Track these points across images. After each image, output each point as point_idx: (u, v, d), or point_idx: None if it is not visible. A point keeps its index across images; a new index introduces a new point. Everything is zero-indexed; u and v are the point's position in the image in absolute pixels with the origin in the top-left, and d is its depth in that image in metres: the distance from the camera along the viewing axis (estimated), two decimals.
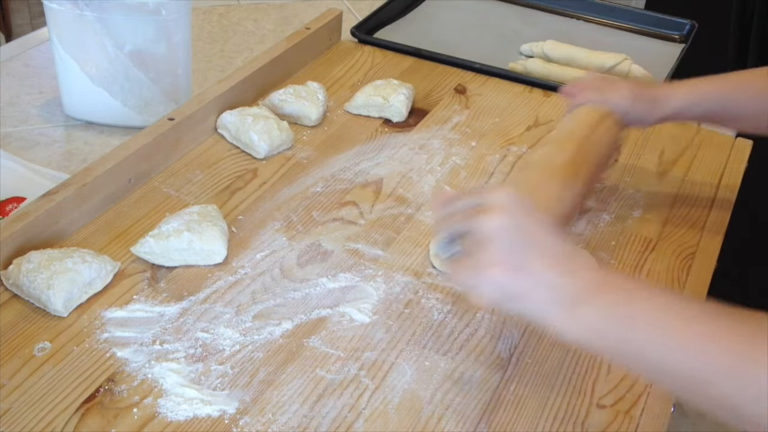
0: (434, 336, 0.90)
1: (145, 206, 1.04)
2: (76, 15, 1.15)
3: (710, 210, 1.14)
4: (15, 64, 1.36)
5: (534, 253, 0.72)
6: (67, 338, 0.85)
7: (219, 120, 1.18)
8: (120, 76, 1.19)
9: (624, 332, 0.70)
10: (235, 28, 1.55)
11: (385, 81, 1.29)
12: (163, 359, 0.83)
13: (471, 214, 0.74)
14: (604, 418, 0.83)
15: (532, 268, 0.72)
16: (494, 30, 1.59)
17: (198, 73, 1.35)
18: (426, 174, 1.14)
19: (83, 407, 0.78)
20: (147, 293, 0.91)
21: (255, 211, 1.05)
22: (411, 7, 1.62)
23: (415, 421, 0.80)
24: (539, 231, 0.74)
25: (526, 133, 1.26)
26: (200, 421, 0.78)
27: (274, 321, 0.89)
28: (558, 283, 0.71)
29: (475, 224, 0.73)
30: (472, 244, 0.74)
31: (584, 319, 0.71)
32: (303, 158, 1.16)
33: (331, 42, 1.44)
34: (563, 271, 0.72)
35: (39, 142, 1.18)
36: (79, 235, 0.98)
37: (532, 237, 0.73)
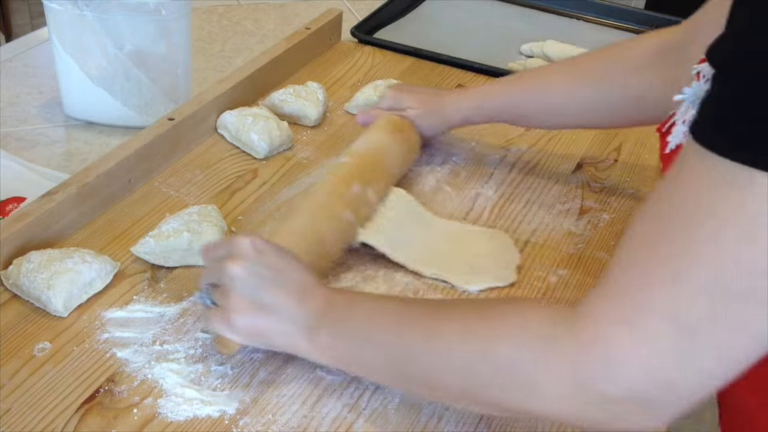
0: None
1: (145, 206, 1.04)
2: (76, 15, 1.15)
3: None
4: (15, 64, 1.36)
5: (277, 290, 0.77)
6: (67, 338, 0.85)
7: (219, 120, 1.18)
8: (120, 76, 1.19)
9: (353, 343, 0.76)
10: (235, 28, 1.55)
11: (385, 81, 1.29)
12: (163, 359, 0.83)
13: (219, 265, 0.78)
14: None
15: (275, 305, 0.77)
16: (494, 30, 1.59)
17: (198, 73, 1.35)
18: (426, 174, 1.14)
19: (83, 407, 0.78)
20: (147, 293, 0.91)
21: (255, 211, 1.05)
22: (411, 7, 1.62)
23: (415, 421, 0.80)
24: (282, 268, 0.78)
25: (526, 133, 1.26)
26: (200, 422, 0.78)
27: None
28: (298, 313, 0.77)
29: (220, 274, 0.78)
30: (220, 293, 0.78)
31: (322, 342, 0.77)
32: (303, 158, 1.16)
33: (331, 42, 1.44)
34: (301, 299, 0.76)
35: (39, 142, 1.18)
36: (79, 235, 0.98)
37: (274, 275, 0.77)
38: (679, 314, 0.57)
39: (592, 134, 1.28)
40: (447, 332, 0.70)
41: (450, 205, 1.09)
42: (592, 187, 1.16)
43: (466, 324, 0.70)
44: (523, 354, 0.64)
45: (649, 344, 0.58)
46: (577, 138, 1.26)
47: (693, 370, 0.59)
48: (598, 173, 1.19)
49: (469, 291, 0.95)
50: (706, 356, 0.58)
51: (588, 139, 1.26)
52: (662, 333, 0.58)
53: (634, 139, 1.27)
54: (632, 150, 1.25)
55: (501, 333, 0.67)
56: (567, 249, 1.03)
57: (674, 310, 0.58)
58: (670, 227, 0.59)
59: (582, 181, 1.17)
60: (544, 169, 1.18)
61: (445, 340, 0.70)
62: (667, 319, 0.58)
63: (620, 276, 0.61)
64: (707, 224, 0.56)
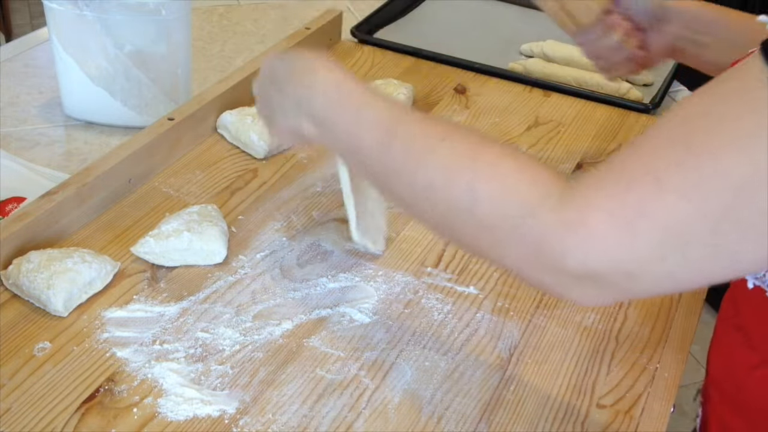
0: (434, 336, 0.90)
1: (145, 206, 1.04)
2: (76, 15, 1.15)
3: None
4: (15, 64, 1.36)
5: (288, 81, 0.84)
6: (67, 338, 0.85)
7: (219, 120, 1.18)
8: (120, 76, 1.19)
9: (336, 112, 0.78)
10: (235, 28, 1.55)
11: (385, 81, 1.29)
12: (163, 359, 0.83)
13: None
14: (604, 418, 0.83)
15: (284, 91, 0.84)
16: (494, 30, 1.59)
17: (198, 73, 1.35)
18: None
19: (83, 407, 0.78)
20: (147, 293, 0.91)
21: (255, 211, 1.05)
22: (411, 7, 1.62)
23: (415, 421, 0.80)
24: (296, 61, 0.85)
25: (526, 133, 1.26)
26: (200, 421, 0.78)
27: (274, 321, 0.89)
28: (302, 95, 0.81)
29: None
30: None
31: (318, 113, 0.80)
32: (303, 158, 1.16)
33: (331, 42, 1.44)
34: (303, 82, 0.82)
35: (39, 142, 1.18)
36: (79, 235, 0.98)
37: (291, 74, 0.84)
38: (664, 217, 0.57)
39: (592, 134, 1.28)
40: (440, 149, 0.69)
41: None
42: None
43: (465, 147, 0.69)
44: (506, 204, 0.64)
45: (625, 236, 0.58)
46: (577, 138, 1.27)
47: (659, 272, 0.59)
48: None
49: (468, 291, 0.95)
50: (677, 264, 0.58)
51: (588, 139, 1.26)
52: (641, 229, 0.58)
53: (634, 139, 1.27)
54: None
55: (495, 173, 0.66)
56: None
57: (660, 211, 0.57)
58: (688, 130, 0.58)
59: None
60: None
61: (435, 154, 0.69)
62: (651, 219, 0.57)
63: (620, 165, 0.61)
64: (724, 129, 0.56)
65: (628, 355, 0.90)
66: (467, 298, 0.95)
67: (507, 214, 0.63)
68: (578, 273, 0.60)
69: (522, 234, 0.62)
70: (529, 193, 0.63)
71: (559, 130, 1.28)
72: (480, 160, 0.67)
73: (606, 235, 0.59)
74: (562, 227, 0.60)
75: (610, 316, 0.94)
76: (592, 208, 0.60)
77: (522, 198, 0.63)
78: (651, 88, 1.42)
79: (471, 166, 0.66)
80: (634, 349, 0.91)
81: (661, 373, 0.88)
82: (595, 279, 0.60)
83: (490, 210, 0.64)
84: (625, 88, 1.38)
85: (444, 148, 0.69)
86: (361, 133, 0.75)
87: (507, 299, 0.95)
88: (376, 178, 0.76)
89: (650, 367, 0.89)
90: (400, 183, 0.71)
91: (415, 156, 0.70)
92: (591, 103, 1.36)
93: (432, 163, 0.68)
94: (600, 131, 1.29)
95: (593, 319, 0.94)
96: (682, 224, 0.57)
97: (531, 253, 0.62)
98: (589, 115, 1.33)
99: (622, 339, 0.92)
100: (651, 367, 0.89)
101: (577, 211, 0.60)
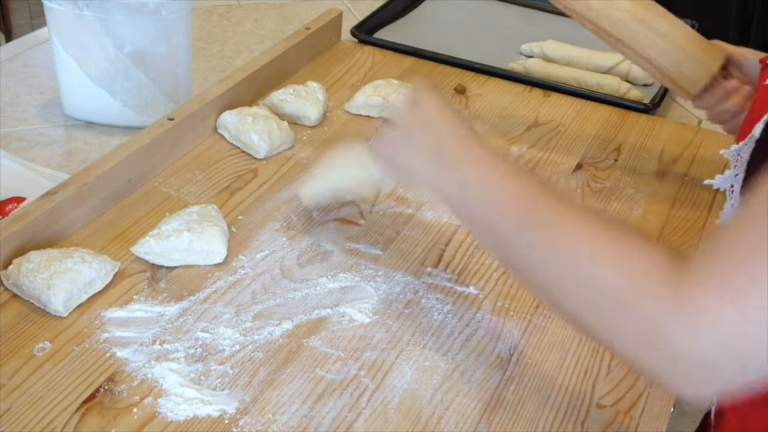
0: (434, 336, 0.90)
1: (145, 206, 1.04)
2: (76, 15, 1.15)
3: (710, 210, 1.14)
4: (15, 64, 1.36)
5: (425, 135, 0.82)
6: (67, 338, 0.85)
7: (219, 120, 1.18)
8: (120, 76, 1.19)
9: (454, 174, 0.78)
10: (235, 28, 1.55)
11: (385, 81, 1.29)
12: (163, 359, 0.83)
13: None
14: (604, 418, 0.83)
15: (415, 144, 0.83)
16: (494, 30, 1.59)
17: (198, 73, 1.35)
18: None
19: (83, 407, 0.78)
20: (147, 293, 0.91)
21: (255, 211, 1.05)
22: (411, 7, 1.62)
23: (415, 421, 0.80)
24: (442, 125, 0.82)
25: (526, 133, 1.26)
26: (200, 421, 0.78)
27: (274, 321, 0.89)
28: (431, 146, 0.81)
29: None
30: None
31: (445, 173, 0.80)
32: (303, 158, 1.16)
33: (331, 42, 1.44)
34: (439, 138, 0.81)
35: (39, 142, 1.18)
36: (79, 235, 0.98)
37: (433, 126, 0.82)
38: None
39: (592, 134, 1.28)
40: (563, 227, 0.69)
41: None
42: (592, 187, 1.16)
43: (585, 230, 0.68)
44: (621, 285, 0.64)
45: (738, 312, 0.58)
46: (577, 138, 1.27)
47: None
48: (598, 173, 1.19)
49: (468, 291, 0.95)
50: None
51: (588, 139, 1.26)
52: (755, 305, 0.57)
53: (634, 139, 1.27)
54: (632, 150, 1.25)
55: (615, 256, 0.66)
56: None
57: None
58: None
59: (582, 181, 1.17)
60: (545, 168, 1.18)
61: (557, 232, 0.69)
62: (764, 294, 0.57)
63: (731, 242, 0.61)
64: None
65: None
66: (467, 298, 0.95)
67: (621, 295, 0.63)
68: (691, 355, 0.60)
69: (637, 315, 0.62)
70: (644, 274, 0.63)
71: (559, 130, 1.29)
72: (598, 240, 0.67)
73: (719, 311, 0.59)
74: (677, 306, 0.60)
75: None
76: (704, 287, 0.60)
77: (637, 279, 0.63)
78: (651, 88, 1.42)
79: (588, 247, 0.67)
80: None
81: None
82: (708, 362, 0.60)
83: (605, 289, 0.65)
84: (625, 88, 1.38)
85: (565, 225, 0.69)
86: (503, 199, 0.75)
87: (507, 299, 0.95)
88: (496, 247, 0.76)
89: None
90: (515, 252, 0.72)
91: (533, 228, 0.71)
92: (591, 103, 1.36)
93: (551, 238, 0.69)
94: (600, 131, 1.29)
95: None
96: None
97: (645, 335, 0.62)
98: (589, 115, 1.33)
99: None
100: None
101: (691, 289, 0.60)
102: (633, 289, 0.63)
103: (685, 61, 1.03)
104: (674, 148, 1.26)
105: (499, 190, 0.74)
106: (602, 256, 0.66)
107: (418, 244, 1.02)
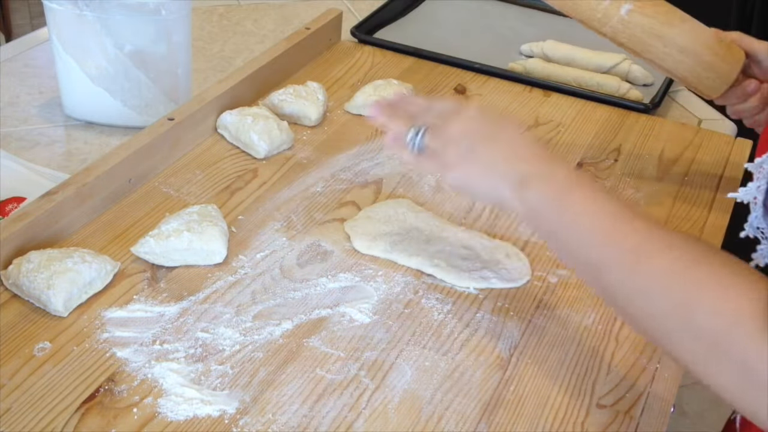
0: (434, 336, 0.90)
1: (145, 206, 1.04)
2: (76, 15, 1.15)
3: (710, 210, 1.14)
4: (15, 64, 1.36)
5: (492, 145, 0.80)
6: (67, 338, 0.85)
7: (219, 120, 1.18)
8: (120, 76, 1.19)
9: (556, 216, 0.76)
10: (235, 28, 1.55)
11: (385, 81, 1.29)
12: (163, 359, 0.83)
13: (441, 117, 0.84)
14: (604, 418, 0.83)
15: (488, 159, 0.80)
16: (494, 30, 1.59)
17: (198, 73, 1.35)
18: (426, 174, 1.14)
19: (83, 407, 0.78)
20: (147, 293, 0.91)
21: (255, 211, 1.05)
22: (411, 7, 1.62)
23: (415, 421, 0.80)
24: (503, 126, 0.82)
25: (526, 133, 1.26)
26: (200, 421, 0.78)
27: (274, 321, 0.89)
28: (509, 169, 0.79)
29: (441, 127, 0.83)
30: (436, 143, 0.83)
31: (529, 201, 0.77)
32: (303, 158, 1.16)
33: (331, 42, 1.44)
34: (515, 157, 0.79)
35: (39, 142, 1.18)
36: (79, 235, 0.98)
37: (493, 131, 0.81)
38: None
39: (592, 134, 1.28)
40: (655, 265, 0.68)
41: (450, 205, 1.09)
42: None
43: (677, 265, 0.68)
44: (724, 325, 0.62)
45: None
46: (577, 138, 1.27)
47: None
48: (598, 173, 1.19)
49: (469, 291, 0.95)
50: None
51: (588, 139, 1.26)
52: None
53: (634, 139, 1.27)
54: (632, 150, 1.25)
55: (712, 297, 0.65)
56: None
57: None
58: None
59: None
60: None
61: (649, 271, 0.68)
62: None
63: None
64: None
65: (628, 355, 0.90)
66: (467, 298, 0.95)
67: (717, 338, 0.63)
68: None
69: (728, 347, 0.61)
70: (740, 308, 0.62)
71: (559, 130, 1.29)
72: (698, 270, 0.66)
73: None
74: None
75: (610, 316, 0.94)
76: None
77: (732, 309, 0.62)
78: (651, 88, 1.42)
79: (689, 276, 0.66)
80: (634, 349, 0.91)
81: (661, 373, 0.88)
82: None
83: (702, 321, 0.64)
84: (625, 88, 1.38)
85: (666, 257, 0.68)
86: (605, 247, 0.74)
87: (507, 299, 0.95)
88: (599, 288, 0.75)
89: (650, 367, 0.89)
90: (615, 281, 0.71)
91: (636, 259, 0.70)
92: (591, 103, 1.36)
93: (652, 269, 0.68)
94: (600, 131, 1.29)
95: (593, 319, 0.94)
96: None
97: (737, 369, 0.61)
98: (589, 115, 1.33)
99: (622, 339, 0.92)
100: (651, 367, 0.89)
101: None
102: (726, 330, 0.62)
103: (705, 72, 1.03)
104: (674, 148, 1.26)
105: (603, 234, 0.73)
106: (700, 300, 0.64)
107: None
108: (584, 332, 0.92)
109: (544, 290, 0.97)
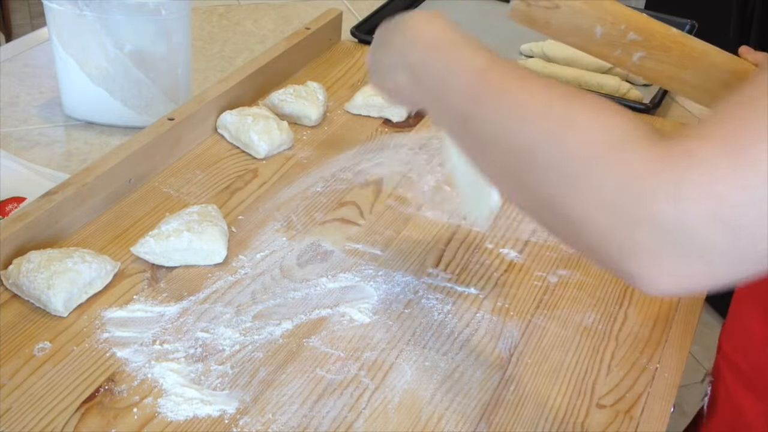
0: (434, 336, 0.90)
1: (145, 206, 1.04)
2: (76, 15, 1.15)
3: None
4: (15, 64, 1.36)
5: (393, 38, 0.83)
6: (67, 338, 0.85)
7: (219, 120, 1.18)
8: (120, 76, 1.19)
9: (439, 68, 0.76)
10: (235, 28, 1.55)
11: None
12: (163, 359, 0.83)
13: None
14: (604, 418, 0.83)
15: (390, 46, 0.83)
16: (494, 30, 1.59)
17: (198, 73, 1.35)
18: (426, 174, 1.14)
19: (83, 407, 0.78)
20: (147, 293, 0.91)
21: (255, 211, 1.05)
22: (411, 8, 1.62)
23: (415, 421, 0.80)
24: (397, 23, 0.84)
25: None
26: (200, 421, 0.78)
27: (274, 321, 0.89)
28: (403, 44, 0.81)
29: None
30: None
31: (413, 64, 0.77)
32: (303, 158, 1.16)
33: (331, 42, 1.44)
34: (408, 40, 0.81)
35: (39, 142, 1.18)
36: (79, 235, 0.98)
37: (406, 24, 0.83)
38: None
39: None
40: (525, 98, 0.63)
41: (450, 205, 1.09)
42: None
43: (548, 99, 0.62)
44: (599, 132, 0.57)
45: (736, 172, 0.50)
46: None
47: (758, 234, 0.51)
48: None
49: (468, 291, 0.95)
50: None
51: None
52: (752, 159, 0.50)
53: None
54: None
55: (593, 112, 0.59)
56: (567, 249, 1.03)
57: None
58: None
59: None
60: None
61: (519, 104, 0.63)
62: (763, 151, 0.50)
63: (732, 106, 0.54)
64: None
65: (628, 355, 0.90)
66: (467, 298, 0.95)
67: (597, 141, 0.56)
68: (669, 217, 0.51)
69: (610, 167, 0.54)
70: (623, 125, 0.56)
71: None
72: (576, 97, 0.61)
73: (710, 161, 0.51)
74: (662, 156, 0.52)
75: (610, 316, 0.94)
76: (695, 137, 0.52)
77: (615, 128, 0.56)
78: (651, 88, 1.42)
79: (566, 102, 0.61)
80: (634, 349, 0.91)
81: (661, 373, 0.88)
82: (687, 230, 0.51)
83: (582, 138, 0.57)
84: (625, 88, 1.38)
85: (540, 84, 0.64)
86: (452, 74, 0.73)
87: (507, 299, 0.95)
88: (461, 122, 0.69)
89: (650, 367, 0.89)
90: (487, 116, 0.65)
91: (508, 87, 0.65)
92: None
93: (528, 95, 0.63)
94: None
95: (593, 319, 0.94)
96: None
97: (613, 192, 0.53)
98: None
99: (622, 339, 0.92)
100: (651, 367, 0.89)
101: (680, 140, 0.52)
102: (610, 133, 0.56)
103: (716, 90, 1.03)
104: None
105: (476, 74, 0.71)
106: (579, 115, 0.58)
107: (418, 244, 1.02)
108: (584, 332, 0.92)
109: (544, 290, 0.97)
